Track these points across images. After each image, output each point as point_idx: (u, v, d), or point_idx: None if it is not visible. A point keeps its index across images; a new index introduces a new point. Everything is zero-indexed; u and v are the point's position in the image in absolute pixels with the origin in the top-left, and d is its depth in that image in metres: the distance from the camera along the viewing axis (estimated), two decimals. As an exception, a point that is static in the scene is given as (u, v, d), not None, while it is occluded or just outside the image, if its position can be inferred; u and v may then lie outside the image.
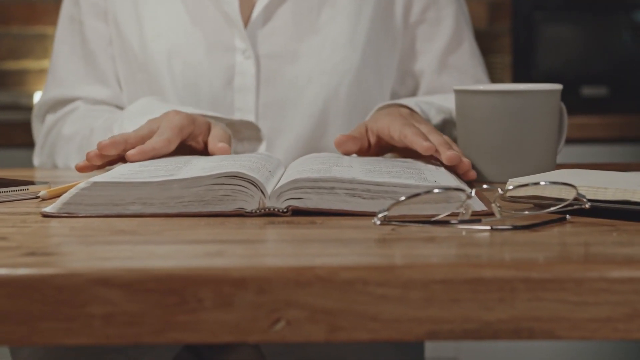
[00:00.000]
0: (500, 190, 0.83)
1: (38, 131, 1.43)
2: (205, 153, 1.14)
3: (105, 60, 1.39)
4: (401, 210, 0.81)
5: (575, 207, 0.82)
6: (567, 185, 0.82)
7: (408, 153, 1.12)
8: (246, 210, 0.86)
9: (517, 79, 2.62)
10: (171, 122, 1.10)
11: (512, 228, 0.79)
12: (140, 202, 0.87)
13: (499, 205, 0.82)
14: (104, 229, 0.82)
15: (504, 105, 1.06)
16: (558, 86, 1.08)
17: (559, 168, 1.07)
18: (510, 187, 0.84)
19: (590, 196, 0.83)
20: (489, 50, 2.75)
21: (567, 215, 0.83)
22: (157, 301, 0.65)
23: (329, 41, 1.35)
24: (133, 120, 1.21)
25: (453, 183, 0.93)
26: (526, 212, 0.84)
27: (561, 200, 0.83)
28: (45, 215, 0.87)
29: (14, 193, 0.96)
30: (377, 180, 0.87)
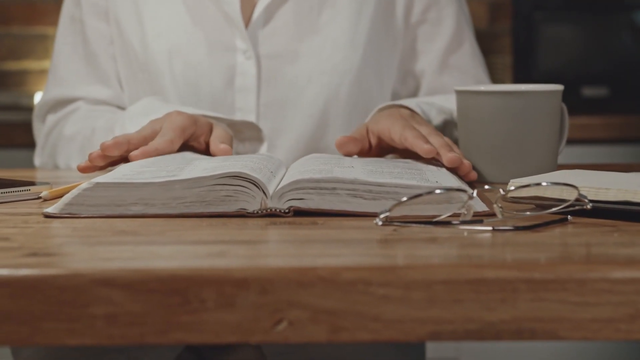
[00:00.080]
0: (502, 191, 0.83)
1: (39, 131, 1.43)
2: (207, 153, 1.14)
3: (106, 60, 1.39)
4: (403, 211, 0.81)
5: (576, 208, 0.82)
6: (569, 186, 0.82)
7: (409, 154, 1.12)
8: (248, 211, 0.86)
9: (518, 80, 2.62)
10: (173, 123, 1.10)
11: (514, 229, 0.79)
12: (142, 203, 0.87)
13: (500, 205, 0.82)
14: (105, 230, 0.82)
15: (505, 105, 1.06)
16: (559, 87, 1.08)
17: (560, 169, 1.08)
18: (512, 188, 0.84)
19: (591, 197, 0.83)
20: (490, 50, 2.75)
21: (569, 216, 0.83)
22: (160, 301, 0.65)
23: (329, 41, 1.35)
24: (134, 120, 1.21)
25: (454, 184, 0.93)
26: (528, 213, 0.84)
27: (563, 200, 0.83)
28: (47, 216, 0.87)
29: (16, 194, 0.96)
30: (379, 180, 0.87)
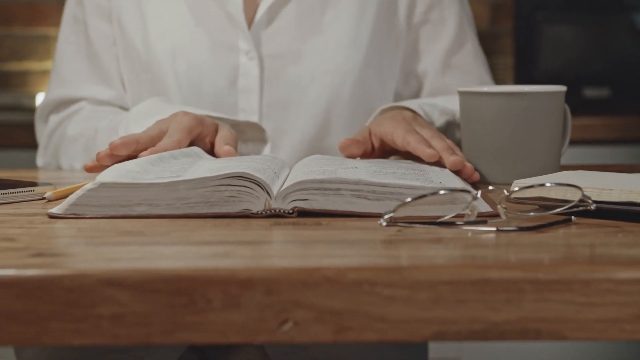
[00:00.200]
0: (506, 192, 0.83)
1: (41, 132, 1.43)
2: (212, 154, 1.14)
3: (109, 61, 1.39)
4: (407, 212, 0.81)
5: (580, 209, 0.82)
6: (573, 186, 0.82)
7: (411, 156, 1.12)
8: (252, 212, 0.86)
9: (519, 81, 2.62)
10: (180, 123, 1.10)
11: (518, 229, 0.79)
12: (146, 204, 0.87)
13: (504, 206, 0.82)
14: (110, 230, 0.82)
15: (508, 106, 1.06)
16: (562, 87, 1.09)
17: (562, 169, 1.08)
18: (516, 189, 0.84)
19: (595, 197, 0.83)
20: (491, 51, 2.75)
21: (573, 217, 0.83)
22: (166, 302, 0.65)
23: (332, 41, 1.35)
24: (138, 122, 1.21)
25: (458, 184, 0.94)
26: (531, 214, 0.84)
27: (566, 201, 0.83)
28: (51, 217, 0.87)
29: (20, 194, 0.96)
30: (383, 181, 0.87)
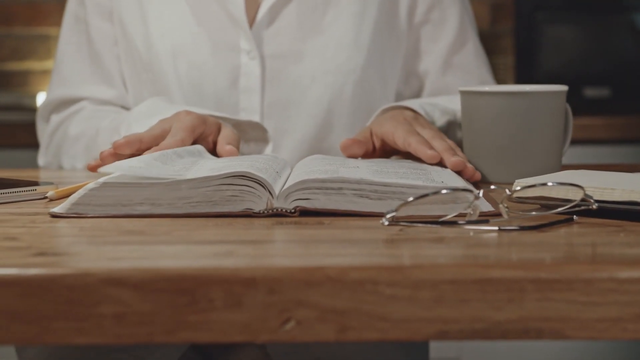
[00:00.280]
0: (508, 191, 0.83)
1: (43, 131, 1.43)
2: (214, 153, 1.14)
3: (110, 61, 1.39)
4: (409, 211, 0.81)
5: (582, 208, 0.82)
6: (575, 186, 0.82)
7: (413, 157, 1.12)
8: (254, 211, 0.86)
9: (520, 80, 2.62)
10: (183, 123, 1.11)
11: (520, 229, 0.79)
12: (148, 203, 0.87)
13: (506, 206, 0.82)
14: (112, 230, 0.82)
15: (510, 106, 1.06)
16: (564, 87, 1.09)
17: (563, 169, 1.08)
18: (518, 188, 0.84)
19: (597, 197, 0.83)
20: (492, 51, 2.75)
21: (574, 216, 0.83)
22: (168, 301, 0.65)
23: (333, 41, 1.35)
24: (140, 121, 1.21)
25: (460, 184, 0.94)
26: (533, 213, 0.84)
27: (568, 201, 0.83)
28: (53, 216, 0.87)
29: (22, 194, 0.97)
30: (385, 180, 0.87)
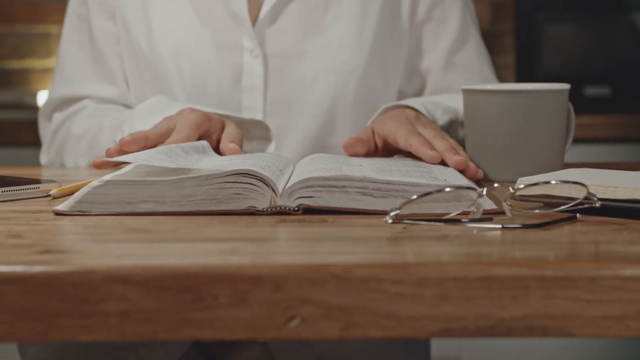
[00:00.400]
0: (511, 189, 0.83)
1: (45, 130, 1.43)
2: (218, 151, 1.14)
3: (113, 59, 1.39)
4: (412, 209, 0.81)
5: (585, 206, 0.83)
6: (578, 184, 0.82)
7: (415, 156, 1.12)
8: (258, 209, 0.86)
9: (520, 79, 2.62)
10: (188, 120, 1.11)
11: (523, 226, 0.79)
12: (152, 201, 0.87)
13: (509, 204, 0.82)
14: (116, 227, 0.82)
15: (512, 104, 1.06)
16: (566, 85, 1.09)
17: (564, 167, 1.08)
18: (521, 186, 0.84)
19: (600, 195, 0.83)
20: (492, 50, 2.73)
21: (578, 214, 0.83)
22: (173, 298, 0.65)
23: (335, 40, 1.35)
24: (143, 119, 1.21)
25: (463, 182, 0.94)
26: (537, 211, 0.84)
27: (571, 199, 0.83)
28: (57, 213, 0.87)
29: (26, 191, 0.97)
30: (388, 178, 0.87)
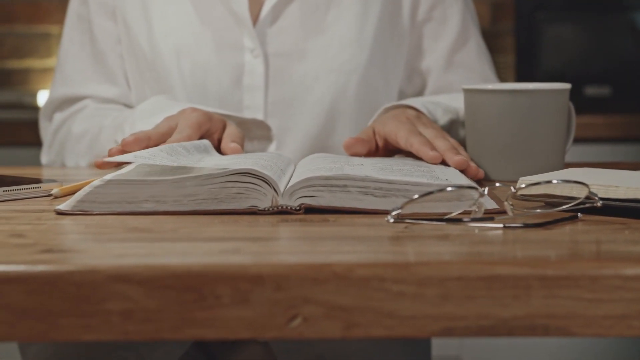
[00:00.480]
0: (512, 189, 0.83)
1: (46, 130, 1.44)
2: (219, 151, 1.14)
3: (113, 59, 1.39)
4: (414, 208, 0.81)
5: (586, 206, 0.83)
6: (579, 183, 0.82)
7: (415, 156, 1.12)
8: (259, 208, 0.86)
9: (520, 79, 2.63)
10: (189, 119, 1.11)
11: (524, 226, 0.79)
12: (153, 200, 0.87)
13: (511, 203, 0.82)
14: (118, 227, 0.82)
15: (513, 104, 1.06)
16: (567, 85, 1.09)
17: (566, 167, 1.08)
18: (522, 186, 0.84)
19: (601, 194, 0.83)
20: (492, 50, 2.73)
21: (579, 214, 0.83)
22: (175, 298, 0.65)
23: (336, 40, 1.35)
24: (144, 119, 1.21)
25: (464, 181, 0.94)
26: (538, 210, 0.84)
27: (572, 198, 0.83)
28: (59, 213, 0.87)
29: (27, 191, 0.97)
30: (390, 178, 0.87)
